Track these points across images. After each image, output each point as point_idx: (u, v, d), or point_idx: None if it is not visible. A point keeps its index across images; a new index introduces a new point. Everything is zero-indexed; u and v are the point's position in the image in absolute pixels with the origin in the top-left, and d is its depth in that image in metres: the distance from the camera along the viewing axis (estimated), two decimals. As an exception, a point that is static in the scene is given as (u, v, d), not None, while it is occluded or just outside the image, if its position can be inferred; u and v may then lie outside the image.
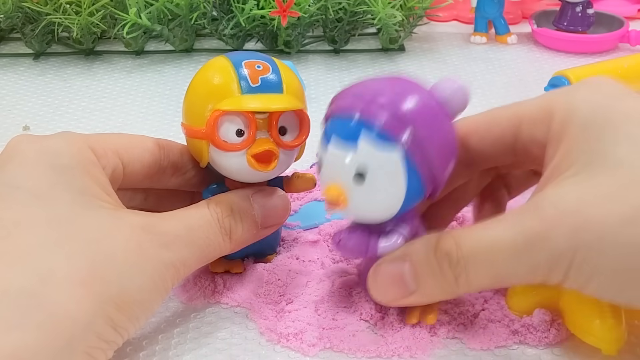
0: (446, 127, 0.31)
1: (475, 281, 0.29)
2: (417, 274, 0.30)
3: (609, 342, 0.31)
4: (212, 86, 0.32)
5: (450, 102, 0.31)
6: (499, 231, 0.29)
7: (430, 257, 0.30)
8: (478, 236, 0.29)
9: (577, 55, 0.66)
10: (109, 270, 0.28)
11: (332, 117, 0.31)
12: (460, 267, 0.29)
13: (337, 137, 0.30)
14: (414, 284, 0.30)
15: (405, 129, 0.29)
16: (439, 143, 0.30)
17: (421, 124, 0.30)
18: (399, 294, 0.31)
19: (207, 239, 0.32)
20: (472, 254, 0.29)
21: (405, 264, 0.30)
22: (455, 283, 0.29)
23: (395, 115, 0.29)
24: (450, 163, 0.32)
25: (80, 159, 0.31)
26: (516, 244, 0.28)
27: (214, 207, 0.33)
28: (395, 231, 0.31)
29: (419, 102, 0.30)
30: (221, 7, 0.65)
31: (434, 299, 0.32)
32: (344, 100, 0.31)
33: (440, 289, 0.30)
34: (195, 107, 0.33)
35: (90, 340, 0.27)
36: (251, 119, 0.32)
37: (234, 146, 0.32)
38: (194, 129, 0.33)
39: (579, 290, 0.29)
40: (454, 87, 0.31)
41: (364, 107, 0.30)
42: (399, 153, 0.29)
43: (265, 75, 0.32)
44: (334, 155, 0.30)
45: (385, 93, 0.30)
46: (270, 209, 0.34)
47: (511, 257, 0.28)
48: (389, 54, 0.67)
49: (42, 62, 0.66)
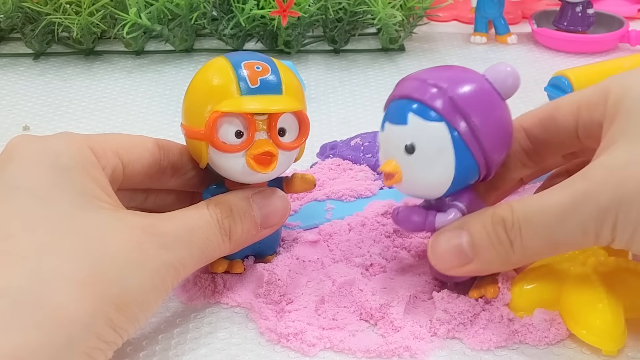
0: (498, 108, 0.33)
1: (530, 245, 0.30)
2: (474, 242, 0.31)
3: (610, 341, 0.31)
4: (211, 87, 0.32)
5: (501, 85, 0.33)
6: (551, 195, 0.30)
7: (487, 224, 0.31)
8: (532, 202, 0.30)
9: (577, 55, 0.66)
10: (109, 270, 0.28)
11: (389, 102, 0.34)
12: (515, 230, 0.30)
13: (391, 117, 0.33)
14: (471, 253, 0.31)
15: (451, 103, 0.31)
16: (489, 122, 0.32)
17: (468, 101, 0.32)
18: (457, 263, 0.32)
19: (207, 239, 0.32)
20: (525, 218, 0.30)
21: (463, 232, 0.32)
22: (511, 248, 0.31)
23: (440, 90, 0.32)
24: (504, 144, 0.33)
25: (80, 159, 0.31)
26: (565, 204, 0.29)
27: (214, 207, 0.33)
28: (452, 206, 0.33)
29: (467, 81, 0.33)
30: (221, 7, 0.65)
31: (491, 267, 0.32)
32: (398, 86, 0.34)
33: (497, 255, 0.31)
34: (195, 108, 0.33)
35: (90, 340, 0.27)
36: (250, 120, 0.32)
37: (232, 147, 0.32)
38: (193, 129, 0.33)
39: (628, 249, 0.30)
40: (505, 70, 0.33)
41: (413, 88, 0.32)
42: (445, 125, 0.31)
43: (265, 77, 0.32)
44: (388, 134, 0.33)
45: (436, 75, 0.33)
46: (269, 210, 0.34)
47: (562, 218, 0.29)
48: (389, 54, 0.67)
49: (42, 62, 0.66)
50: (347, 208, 0.42)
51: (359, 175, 0.45)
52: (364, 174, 0.44)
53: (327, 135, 0.51)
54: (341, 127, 0.53)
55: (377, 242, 0.39)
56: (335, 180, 0.45)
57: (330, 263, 0.37)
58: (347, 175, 0.45)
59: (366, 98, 0.58)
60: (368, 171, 0.45)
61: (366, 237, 0.39)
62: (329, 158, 0.47)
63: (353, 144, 0.48)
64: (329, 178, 0.45)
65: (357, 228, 0.40)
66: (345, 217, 0.41)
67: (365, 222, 0.40)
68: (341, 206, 0.42)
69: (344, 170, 0.46)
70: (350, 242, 0.39)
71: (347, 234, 0.39)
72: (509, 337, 0.32)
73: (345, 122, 0.54)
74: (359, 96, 0.59)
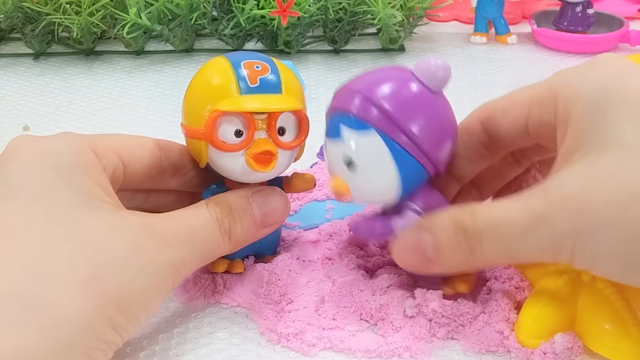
0: (432, 104, 0.32)
1: (489, 254, 0.30)
2: (437, 245, 0.31)
3: (634, 356, 0.30)
4: (211, 87, 0.32)
5: (431, 79, 0.32)
6: (511, 209, 0.29)
7: (449, 230, 0.31)
8: (492, 213, 0.30)
9: (577, 55, 0.66)
10: (109, 270, 0.28)
11: (328, 117, 0.34)
12: (476, 240, 0.30)
13: (328, 131, 0.33)
14: (434, 254, 0.31)
15: (378, 111, 0.31)
16: (424, 119, 0.31)
17: (398, 103, 0.31)
18: (420, 262, 0.32)
19: (207, 238, 0.32)
20: (485, 229, 0.30)
21: (427, 235, 0.31)
22: (472, 255, 0.30)
23: (367, 99, 0.31)
24: (446, 138, 0.32)
25: (80, 159, 0.31)
26: (523, 223, 0.29)
27: (213, 207, 0.33)
28: (408, 208, 0.33)
29: (395, 83, 0.32)
30: (221, 7, 0.65)
31: (454, 269, 0.32)
32: (334, 98, 0.34)
33: (459, 260, 0.31)
34: (194, 107, 0.33)
35: (90, 341, 0.27)
36: (250, 119, 0.32)
37: (232, 147, 0.32)
38: (193, 129, 0.33)
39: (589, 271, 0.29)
40: (433, 63, 0.32)
41: (344, 99, 0.32)
42: (375, 132, 0.31)
43: (264, 76, 0.32)
44: (328, 149, 0.33)
45: (364, 82, 0.32)
46: (269, 209, 0.34)
47: (520, 235, 0.29)
48: (389, 54, 0.67)
49: (42, 62, 0.66)
50: (347, 208, 0.42)
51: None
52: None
53: (327, 135, 0.51)
54: (341, 127, 0.53)
55: (377, 242, 0.39)
56: (335, 180, 0.44)
57: (330, 263, 0.37)
58: (347, 175, 0.45)
59: (366, 98, 0.58)
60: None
61: (366, 237, 0.39)
62: (329, 158, 0.47)
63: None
64: (329, 178, 0.45)
65: (357, 228, 0.40)
66: (345, 217, 0.41)
67: (365, 222, 0.40)
68: (341, 206, 0.42)
69: (344, 170, 0.46)
70: (350, 243, 0.39)
71: (347, 234, 0.39)
72: (503, 341, 0.32)
73: (345, 122, 0.54)
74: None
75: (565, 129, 0.30)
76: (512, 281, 0.35)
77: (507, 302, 0.33)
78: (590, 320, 0.31)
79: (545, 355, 0.31)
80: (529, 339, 0.32)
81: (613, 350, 0.31)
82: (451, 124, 0.33)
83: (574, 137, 0.29)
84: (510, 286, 0.35)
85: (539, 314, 0.32)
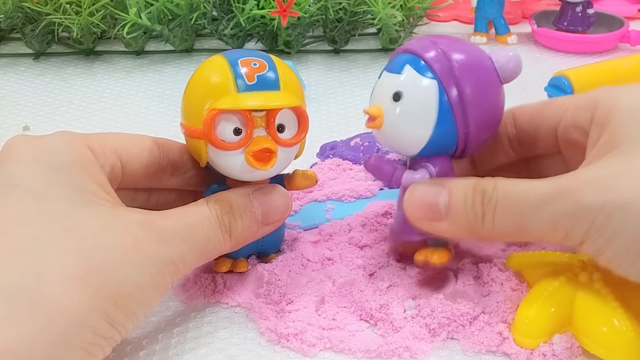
0: (493, 88, 0.33)
1: (500, 223, 0.31)
2: (451, 202, 0.32)
3: (632, 357, 0.30)
4: (209, 85, 0.32)
5: (503, 67, 0.33)
6: (535, 183, 0.30)
7: (468, 190, 0.31)
8: (516, 183, 0.31)
9: (577, 55, 0.66)
10: (106, 266, 0.28)
11: (393, 56, 0.35)
12: (491, 205, 0.31)
13: (390, 66, 0.34)
14: (444, 211, 0.32)
15: (449, 67, 0.32)
16: (481, 97, 0.33)
17: (466, 71, 0.32)
18: (428, 216, 0.32)
19: (207, 235, 0.32)
20: (504, 196, 0.30)
21: (444, 190, 0.32)
22: (482, 220, 0.31)
23: (444, 54, 0.33)
24: (489, 125, 0.34)
25: (77, 157, 0.31)
26: (545, 194, 0.29)
27: (213, 204, 0.33)
28: (423, 167, 0.34)
29: (470, 55, 0.33)
30: (221, 7, 0.65)
31: (458, 231, 0.32)
32: (408, 42, 0.35)
33: (467, 222, 0.31)
34: (193, 106, 0.33)
35: (86, 335, 0.27)
36: (248, 117, 0.32)
37: (231, 145, 0.32)
38: (192, 128, 0.33)
39: (595, 257, 0.29)
40: (509, 55, 0.34)
41: (420, 45, 0.33)
42: (436, 84, 0.32)
43: (262, 73, 0.32)
44: (383, 81, 0.34)
45: (445, 41, 0.34)
46: (270, 206, 0.34)
47: (537, 206, 0.29)
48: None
49: (42, 62, 0.66)
50: (347, 208, 0.42)
51: (359, 176, 0.45)
52: (364, 174, 0.44)
53: (327, 135, 0.51)
54: (341, 127, 0.53)
55: (377, 242, 0.39)
56: (335, 180, 0.45)
57: (330, 263, 0.37)
58: (347, 175, 0.45)
59: (366, 98, 0.57)
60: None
61: (366, 238, 0.39)
62: (329, 158, 0.47)
63: (353, 144, 0.48)
64: (329, 178, 0.45)
65: (357, 228, 0.40)
66: (345, 217, 0.41)
67: (365, 223, 0.40)
68: (341, 206, 0.42)
69: (343, 171, 0.46)
70: (350, 243, 0.39)
71: (347, 234, 0.39)
72: (502, 342, 0.32)
73: (345, 122, 0.54)
74: (359, 96, 0.59)
75: (601, 131, 0.31)
76: (512, 282, 0.35)
77: (507, 303, 0.33)
78: (587, 320, 0.31)
79: (544, 356, 0.31)
80: (525, 339, 0.32)
81: (609, 351, 0.31)
82: (498, 115, 0.34)
83: (610, 138, 0.30)
84: (509, 287, 0.35)
85: (535, 314, 0.32)
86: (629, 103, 0.31)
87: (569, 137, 0.34)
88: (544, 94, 0.56)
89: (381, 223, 0.40)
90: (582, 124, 0.33)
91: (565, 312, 0.32)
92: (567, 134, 0.34)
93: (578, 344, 0.32)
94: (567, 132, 0.34)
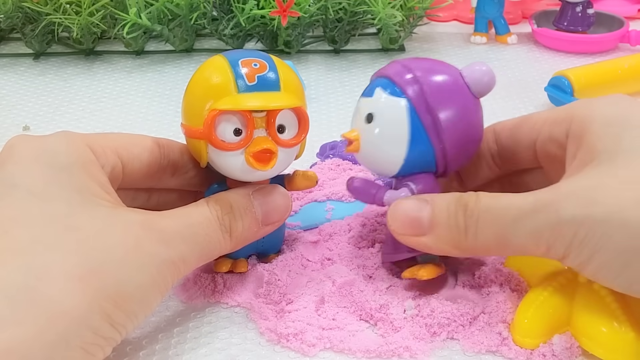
0: (467, 107, 0.34)
1: (482, 237, 0.31)
2: (434, 217, 0.32)
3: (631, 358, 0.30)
4: (209, 85, 0.32)
5: (476, 83, 0.34)
6: (517, 197, 0.30)
7: (450, 204, 0.32)
8: (498, 197, 0.31)
9: (577, 55, 0.66)
10: (106, 266, 0.28)
11: (370, 82, 0.35)
12: (473, 218, 0.31)
13: (364, 92, 0.35)
14: (427, 226, 0.32)
15: (418, 87, 0.33)
16: (455, 118, 0.33)
17: (437, 94, 0.33)
18: (411, 231, 0.33)
19: (207, 235, 0.32)
20: (486, 209, 0.31)
21: (427, 205, 0.32)
22: (465, 234, 0.31)
23: (412, 74, 0.33)
24: (468, 141, 0.34)
25: (78, 157, 0.31)
26: (525, 207, 0.30)
27: (214, 204, 0.33)
28: (405, 186, 0.34)
29: (442, 73, 0.34)
30: (221, 7, 0.65)
31: (442, 246, 0.32)
32: (382, 68, 0.35)
33: (450, 237, 0.32)
34: (193, 107, 0.33)
35: (86, 336, 0.27)
36: (248, 117, 0.32)
37: (231, 145, 0.32)
38: (193, 128, 0.33)
39: (579, 271, 0.30)
40: (481, 69, 0.34)
41: (392, 70, 0.34)
42: (404, 102, 0.33)
43: (262, 74, 0.32)
44: (358, 107, 0.35)
45: (415, 64, 0.34)
46: (271, 206, 0.34)
47: (518, 218, 0.30)
48: (389, 54, 0.67)
49: (42, 62, 0.66)
50: (347, 208, 0.42)
51: (359, 176, 0.45)
52: (364, 174, 0.44)
53: (327, 135, 0.51)
54: (341, 127, 0.53)
55: (377, 242, 0.39)
56: (335, 180, 0.45)
57: (330, 263, 0.37)
58: (347, 175, 0.45)
59: (366, 98, 0.58)
60: (368, 171, 0.45)
61: (366, 238, 0.39)
62: (329, 158, 0.47)
63: (353, 144, 0.48)
64: (329, 178, 0.45)
65: (357, 228, 0.40)
66: (345, 217, 0.41)
67: (365, 223, 0.40)
68: (341, 206, 0.42)
69: (344, 170, 0.46)
70: (350, 243, 0.39)
71: (347, 234, 0.39)
72: (503, 342, 0.32)
73: (345, 122, 0.54)
74: (359, 96, 0.58)
75: (578, 144, 0.31)
76: (511, 283, 0.35)
77: (507, 303, 0.33)
78: (586, 321, 0.31)
79: (544, 357, 0.31)
80: (524, 339, 0.32)
81: (608, 351, 0.31)
82: (477, 132, 0.34)
83: (587, 151, 0.30)
84: (509, 287, 0.35)
85: (535, 314, 0.32)
86: (604, 114, 0.31)
87: (548, 152, 0.34)
88: (544, 94, 0.56)
89: (381, 223, 0.40)
90: (558, 137, 0.33)
91: (565, 313, 0.32)
92: (546, 149, 0.34)
93: (577, 344, 0.32)
94: (545, 146, 0.34)
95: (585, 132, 0.31)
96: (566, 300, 0.32)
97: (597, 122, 0.31)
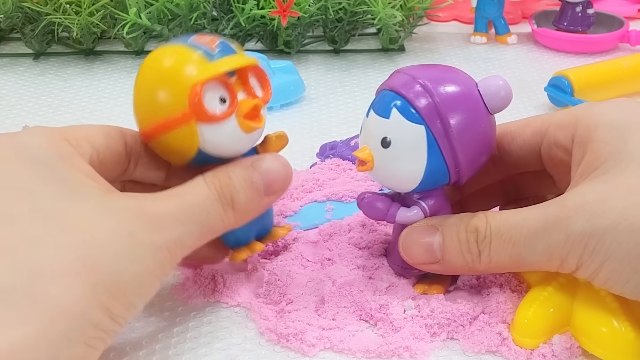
0: (481, 120, 0.33)
1: (497, 259, 0.31)
2: (445, 245, 0.32)
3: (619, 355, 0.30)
4: (179, 68, 0.31)
5: (492, 98, 0.33)
6: (526, 214, 0.31)
7: (461, 231, 0.32)
8: (506, 217, 0.31)
9: (577, 55, 0.66)
10: (101, 258, 0.27)
11: (379, 91, 0.34)
12: (486, 243, 0.31)
13: (377, 107, 0.33)
14: (439, 253, 0.32)
15: (433, 105, 0.32)
16: (469, 132, 0.32)
17: (452, 106, 0.32)
18: (423, 259, 0.33)
19: (206, 212, 0.31)
20: (497, 233, 0.31)
21: (437, 232, 0.33)
22: (479, 258, 0.32)
23: (427, 91, 0.32)
24: (481, 154, 0.34)
25: (57, 150, 0.30)
26: (537, 225, 0.30)
27: (211, 178, 0.31)
28: (416, 204, 0.34)
29: (456, 86, 0.33)
30: (221, 7, 0.65)
31: (454, 271, 0.33)
32: (391, 77, 0.34)
33: (464, 262, 0.32)
34: (167, 97, 0.31)
35: (88, 331, 0.27)
36: (228, 83, 0.31)
37: (224, 114, 0.31)
38: (172, 119, 0.31)
39: (590, 281, 0.30)
40: (498, 84, 0.33)
41: (403, 83, 0.33)
42: (423, 129, 0.32)
43: (218, 42, 0.32)
44: (371, 122, 0.33)
45: (427, 74, 0.33)
46: (273, 174, 0.33)
47: (531, 240, 0.30)
48: (389, 54, 0.67)
49: (42, 62, 0.66)
50: (347, 208, 0.42)
51: (359, 176, 0.45)
52: (364, 174, 0.44)
53: (327, 135, 0.51)
54: (341, 127, 0.53)
55: (377, 242, 0.39)
56: (335, 180, 0.45)
57: (330, 263, 0.37)
58: (347, 175, 0.45)
59: (366, 98, 0.58)
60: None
61: (366, 238, 0.39)
62: (329, 158, 0.47)
63: (353, 144, 0.48)
64: (329, 178, 0.45)
65: (357, 228, 0.40)
66: (345, 217, 0.41)
67: (365, 223, 0.40)
68: (341, 207, 0.42)
69: (343, 171, 0.46)
70: (350, 243, 0.39)
71: (347, 234, 0.39)
72: (503, 342, 0.32)
73: (345, 122, 0.54)
74: (359, 96, 0.59)
75: (584, 150, 0.32)
76: (511, 283, 0.35)
77: (507, 303, 0.33)
78: (586, 321, 0.31)
79: (544, 357, 0.31)
80: (524, 339, 0.32)
81: (608, 352, 0.31)
82: (490, 145, 0.34)
83: (593, 157, 0.31)
84: (509, 288, 0.35)
85: (535, 314, 0.32)
86: (609, 120, 0.31)
87: (553, 157, 0.34)
88: (544, 94, 0.56)
89: (381, 223, 0.40)
90: (564, 143, 0.33)
91: (565, 313, 0.32)
92: (551, 153, 0.34)
93: (577, 345, 0.32)
94: (550, 151, 0.34)
95: (590, 138, 0.31)
96: (566, 300, 0.32)
97: (602, 127, 0.31)
